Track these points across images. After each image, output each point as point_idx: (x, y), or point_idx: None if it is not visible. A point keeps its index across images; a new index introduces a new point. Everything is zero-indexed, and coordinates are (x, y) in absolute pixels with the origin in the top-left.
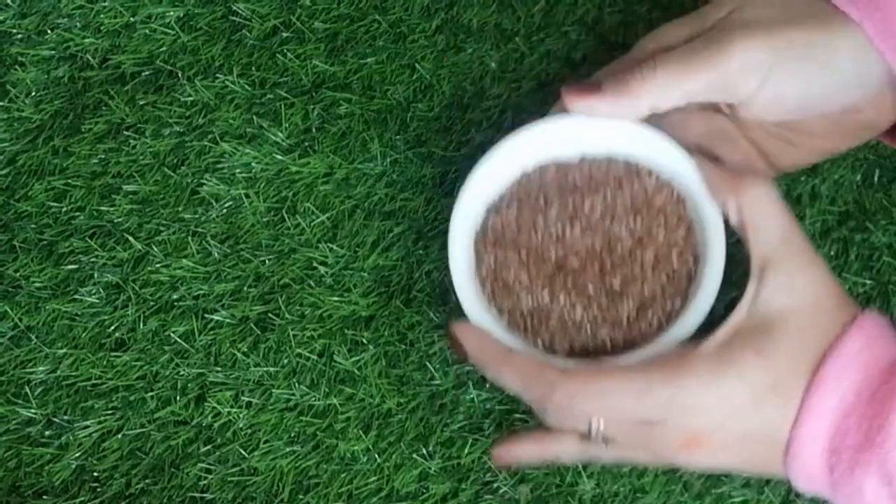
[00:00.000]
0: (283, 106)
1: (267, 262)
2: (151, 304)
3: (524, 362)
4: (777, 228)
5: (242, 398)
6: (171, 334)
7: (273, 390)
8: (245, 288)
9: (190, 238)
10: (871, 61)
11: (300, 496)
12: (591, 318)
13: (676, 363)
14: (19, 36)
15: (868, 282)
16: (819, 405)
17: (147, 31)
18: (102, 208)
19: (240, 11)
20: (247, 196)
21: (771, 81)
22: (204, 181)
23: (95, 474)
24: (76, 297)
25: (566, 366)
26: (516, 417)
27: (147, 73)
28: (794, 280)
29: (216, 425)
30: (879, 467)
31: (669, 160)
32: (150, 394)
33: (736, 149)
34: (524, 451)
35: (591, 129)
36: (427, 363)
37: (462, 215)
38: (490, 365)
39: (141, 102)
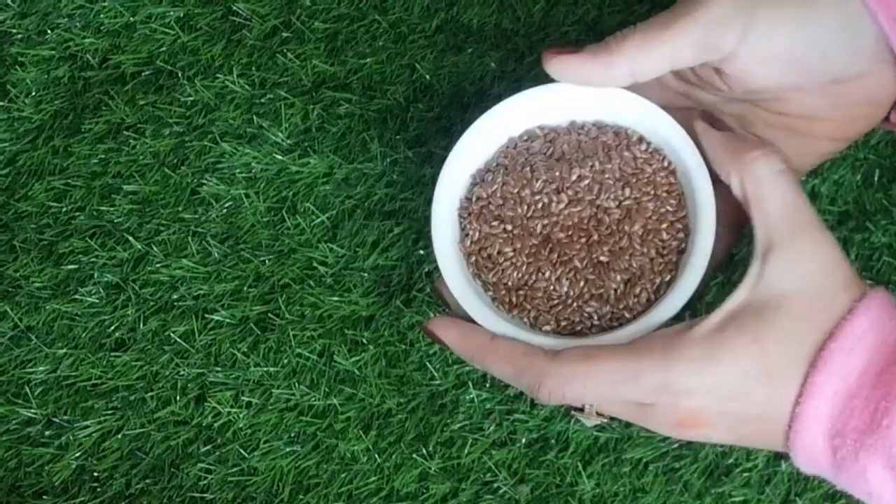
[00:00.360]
0: (283, 106)
1: (267, 262)
2: (151, 304)
3: (510, 350)
4: (783, 205)
5: (242, 398)
6: (171, 334)
7: (273, 390)
8: (245, 288)
9: (190, 238)
10: (858, 16)
11: (300, 496)
12: (577, 292)
13: (668, 346)
14: (19, 36)
15: (868, 282)
16: (822, 386)
17: (147, 31)
18: (102, 208)
19: (240, 11)
20: (247, 196)
21: (752, 34)
22: (204, 181)
23: (95, 474)
24: (76, 297)
25: (552, 346)
26: (516, 417)
27: (147, 73)
28: (799, 261)
29: (216, 425)
30: (885, 451)
31: (660, 127)
32: (150, 394)
33: None
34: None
35: (580, 96)
36: (427, 363)
37: (446, 186)
38: (474, 357)
39: (141, 102)
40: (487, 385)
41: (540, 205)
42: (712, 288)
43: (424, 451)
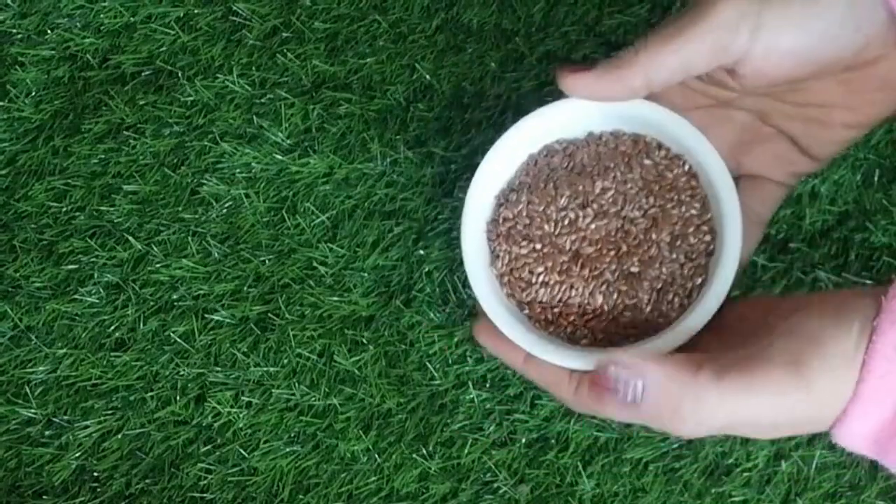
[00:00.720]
0: (283, 106)
1: (267, 262)
2: (151, 304)
3: (541, 373)
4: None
5: (242, 398)
6: (171, 334)
7: (273, 390)
8: (245, 288)
9: (190, 238)
10: (864, 3)
11: (300, 496)
12: (611, 305)
13: (696, 389)
14: (19, 36)
15: (868, 282)
16: (868, 389)
17: (147, 31)
18: (102, 208)
19: (240, 11)
20: (247, 196)
21: (763, 30)
22: (204, 181)
23: (95, 474)
24: (76, 297)
25: (583, 365)
26: (516, 417)
27: (147, 73)
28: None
29: (216, 425)
30: None
31: (678, 132)
32: (150, 394)
33: (766, 150)
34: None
35: (596, 107)
36: (427, 363)
37: (473, 210)
38: (512, 366)
39: (141, 102)
40: (487, 385)
41: (566, 221)
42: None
43: (424, 451)
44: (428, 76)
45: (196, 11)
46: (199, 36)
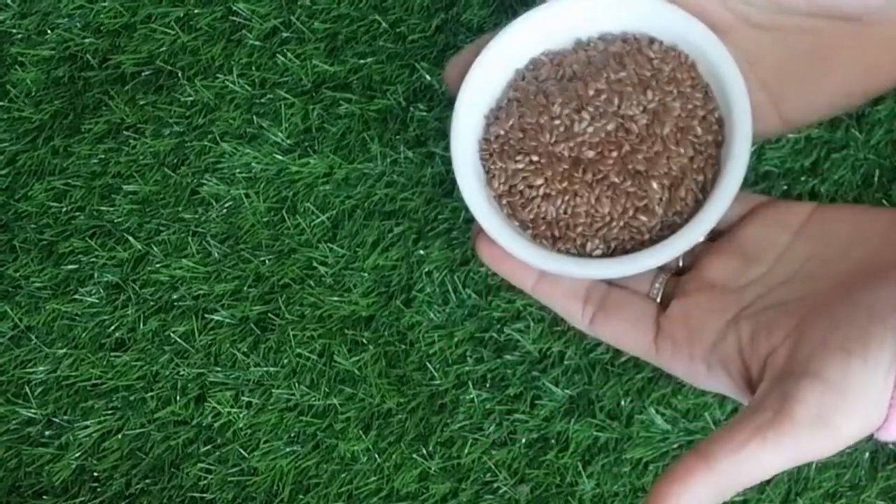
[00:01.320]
0: (283, 106)
1: (267, 262)
2: (151, 304)
3: (552, 298)
4: None
5: (242, 398)
6: (171, 334)
7: (273, 390)
8: (245, 288)
9: (190, 238)
10: None
11: (300, 496)
12: (621, 208)
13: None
14: (19, 36)
15: None
16: None
17: (147, 31)
18: (102, 208)
19: (240, 11)
20: (247, 196)
21: None
22: (204, 181)
23: (95, 474)
24: (76, 297)
25: (585, 274)
26: (516, 417)
27: (147, 73)
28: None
29: (216, 425)
30: None
31: (669, 21)
32: (150, 394)
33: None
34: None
35: (579, 11)
36: (427, 363)
37: (461, 131)
38: (521, 288)
39: (141, 102)
40: (487, 385)
41: (562, 128)
42: None
43: (424, 451)
44: (428, 76)
45: (196, 11)
46: (199, 36)
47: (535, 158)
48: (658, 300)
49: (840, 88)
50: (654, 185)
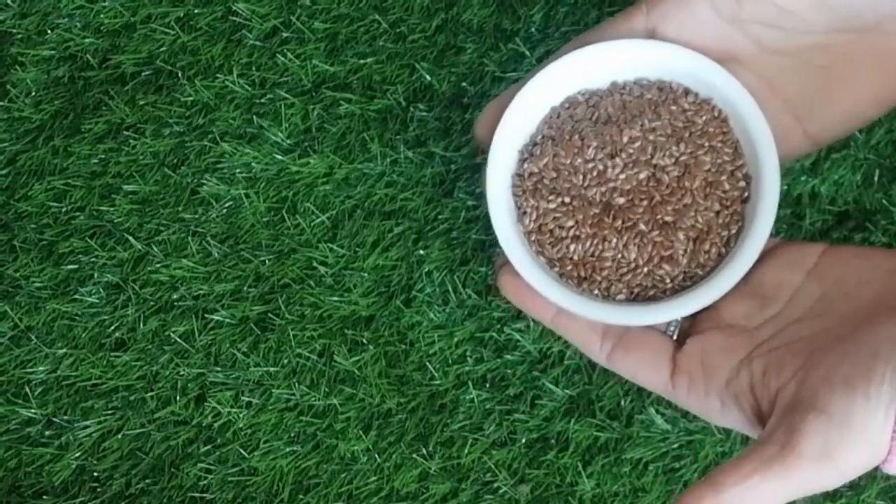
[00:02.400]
0: (283, 106)
1: (267, 262)
2: (151, 304)
3: (571, 330)
4: None
5: (242, 398)
6: (171, 334)
7: (273, 390)
8: (245, 288)
9: (190, 238)
10: None
11: (300, 496)
12: (646, 256)
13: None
14: (19, 36)
15: None
16: None
17: (147, 31)
18: (102, 208)
19: (240, 11)
20: (247, 196)
21: None
22: (204, 181)
23: (95, 474)
24: (76, 297)
25: (618, 319)
26: (516, 417)
27: (147, 73)
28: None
29: (216, 425)
30: None
31: (705, 74)
32: (150, 394)
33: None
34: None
35: (618, 54)
36: (427, 363)
37: (497, 165)
38: (541, 321)
39: (141, 102)
40: (487, 385)
41: (595, 172)
42: None
43: (424, 451)
44: (428, 76)
45: (196, 11)
46: (199, 36)
47: (567, 200)
48: (674, 337)
49: (867, 98)
50: (681, 236)
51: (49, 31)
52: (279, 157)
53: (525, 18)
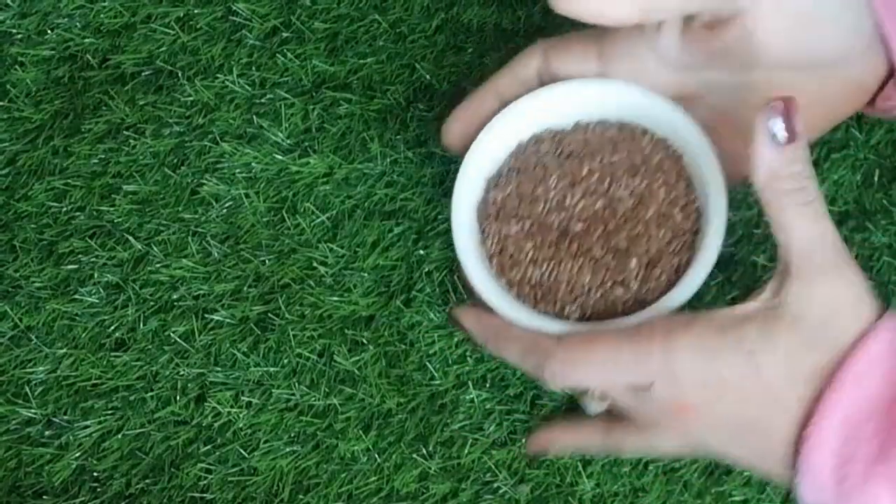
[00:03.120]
0: (283, 106)
1: (267, 262)
2: (151, 304)
3: (521, 335)
4: (809, 236)
5: (242, 398)
6: (171, 334)
7: (273, 390)
8: (245, 288)
9: (190, 238)
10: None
11: (300, 496)
12: (599, 280)
13: (670, 332)
14: (19, 36)
15: (868, 282)
16: (832, 410)
17: (147, 31)
18: (102, 208)
19: (240, 11)
20: (247, 196)
21: None
22: (204, 181)
23: (95, 474)
24: (76, 297)
25: (562, 331)
26: (516, 417)
27: (147, 73)
28: (817, 293)
29: (216, 425)
30: (895, 480)
31: (664, 116)
32: (150, 394)
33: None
34: (556, 439)
35: (581, 96)
36: (427, 363)
37: (464, 192)
38: (489, 340)
39: (141, 102)
40: (487, 385)
41: (555, 201)
42: (712, 288)
43: (424, 451)
44: (428, 76)
45: (196, 11)
46: (199, 36)
47: (527, 225)
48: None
49: (808, 125)
50: (633, 262)
51: (49, 31)
52: (279, 157)
53: (525, 18)
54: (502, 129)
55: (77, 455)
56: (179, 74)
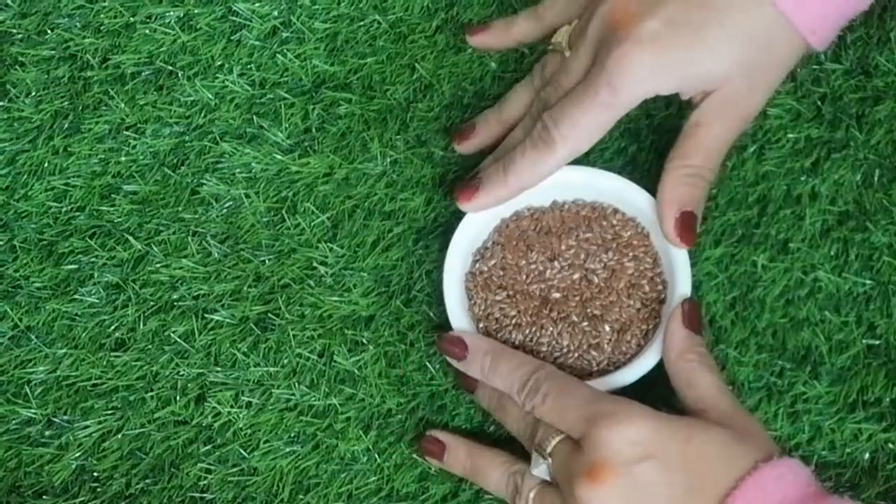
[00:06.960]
0: (283, 106)
1: (267, 262)
2: (151, 304)
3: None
4: (711, 392)
5: (242, 398)
6: (171, 334)
7: (273, 390)
8: (245, 288)
9: (190, 238)
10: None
11: (300, 496)
12: (577, 343)
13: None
14: (19, 36)
15: (868, 282)
16: None
17: (147, 31)
18: (102, 208)
19: (240, 11)
20: (247, 196)
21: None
22: (204, 181)
23: (95, 474)
24: (76, 297)
25: None
26: None
27: (147, 73)
28: (715, 432)
29: (216, 425)
30: None
31: (632, 198)
32: (150, 394)
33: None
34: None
35: (560, 179)
36: (427, 363)
37: (453, 263)
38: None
39: (141, 102)
40: None
41: (536, 272)
42: (712, 288)
43: None
44: (428, 76)
45: (196, 11)
46: (199, 36)
47: (511, 293)
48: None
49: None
50: (607, 327)
51: (49, 31)
52: (279, 157)
53: None
54: (485, 210)
55: (77, 455)
56: (179, 74)
